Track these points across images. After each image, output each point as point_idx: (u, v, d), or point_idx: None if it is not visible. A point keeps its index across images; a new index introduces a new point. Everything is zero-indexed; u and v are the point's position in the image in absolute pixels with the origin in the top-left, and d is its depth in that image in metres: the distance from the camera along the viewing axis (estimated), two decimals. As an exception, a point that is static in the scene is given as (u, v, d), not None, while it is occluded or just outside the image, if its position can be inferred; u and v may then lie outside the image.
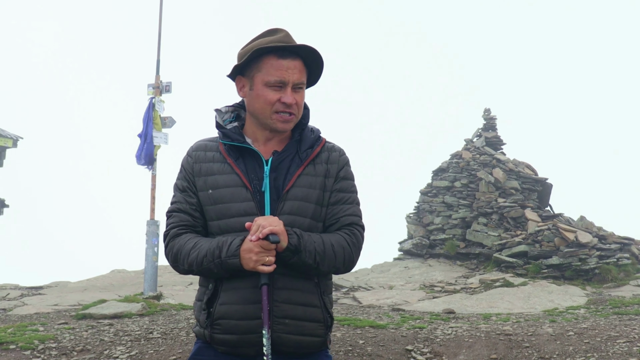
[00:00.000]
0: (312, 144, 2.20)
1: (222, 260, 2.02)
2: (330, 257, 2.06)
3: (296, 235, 2.02)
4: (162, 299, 9.55)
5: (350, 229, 2.14)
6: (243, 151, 2.18)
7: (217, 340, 2.11)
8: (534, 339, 6.37)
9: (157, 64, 10.73)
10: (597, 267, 12.00)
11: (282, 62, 2.11)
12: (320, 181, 2.15)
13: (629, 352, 5.78)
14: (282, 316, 2.05)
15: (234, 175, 2.14)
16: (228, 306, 2.09)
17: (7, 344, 6.23)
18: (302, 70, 2.14)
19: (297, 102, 2.14)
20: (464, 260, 14.72)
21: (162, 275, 12.76)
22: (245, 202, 2.10)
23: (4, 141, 16.60)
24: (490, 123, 16.64)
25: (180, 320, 7.59)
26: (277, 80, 2.11)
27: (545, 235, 12.84)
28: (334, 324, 2.29)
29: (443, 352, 6.10)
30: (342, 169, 2.21)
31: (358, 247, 2.14)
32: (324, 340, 2.12)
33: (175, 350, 6.16)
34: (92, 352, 6.09)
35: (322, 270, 2.08)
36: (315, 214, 2.13)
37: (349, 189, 2.20)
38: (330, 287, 2.21)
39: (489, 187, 14.95)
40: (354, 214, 2.17)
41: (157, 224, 10.31)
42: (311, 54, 2.15)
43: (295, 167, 2.14)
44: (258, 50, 2.11)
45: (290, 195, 2.10)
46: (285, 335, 2.04)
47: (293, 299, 2.06)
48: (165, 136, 10.54)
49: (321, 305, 2.11)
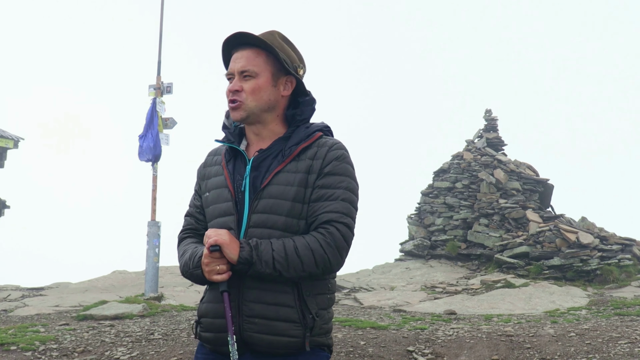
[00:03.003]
0: (299, 140, 2.12)
1: (191, 272, 2.10)
2: (295, 263, 1.97)
3: (249, 246, 1.98)
4: (163, 300, 9.55)
5: (326, 228, 2.01)
6: (237, 152, 2.20)
7: (203, 338, 2.17)
8: (535, 340, 6.36)
9: (158, 65, 10.74)
10: (599, 268, 11.98)
11: (234, 55, 2.16)
12: (300, 177, 2.06)
13: (631, 353, 5.77)
14: (251, 315, 2.03)
15: (222, 177, 2.18)
16: (207, 304, 2.15)
17: (8, 344, 6.23)
18: (252, 58, 2.12)
19: (244, 89, 2.11)
20: (465, 261, 14.71)
21: (163, 276, 12.78)
22: (225, 203, 2.13)
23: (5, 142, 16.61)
24: (492, 124, 16.63)
25: (181, 322, 7.59)
26: (227, 72, 2.17)
27: (546, 236, 12.83)
28: (332, 324, 2.22)
29: (444, 353, 6.10)
30: (329, 164, 2.08)
31: (334, 246, 2.00)
32: (301, 340, 2.03)
33: (176, 351, 6.16)
34: (93, 353, 6.09)
35: (287, 277, 1.99)
36: (293, 212, 2.05)
37: (334, 185, 2.06)
38: (321, 287, 2.11)
39: (490, 188, 14.94)
40: (333, 211, 2.03)
41: (158, 225, 10.31)
42: (251, 39, 2.13)
43: (276, 165, 2.09)
44: (222, 50, 2.19)
45: (265, 194, 2.06)
46: (255, 334, 2.02)
47: (263, 299, 2.03)
48: (166, 137, 10.55)
49: (297, 306, 2.03)
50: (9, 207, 17.50)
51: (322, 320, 2.10)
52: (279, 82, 2.16)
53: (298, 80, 2.19)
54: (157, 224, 10.32)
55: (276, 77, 2.15)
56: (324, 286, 2.12)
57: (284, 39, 2.20)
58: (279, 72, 2.15)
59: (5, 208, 17.39)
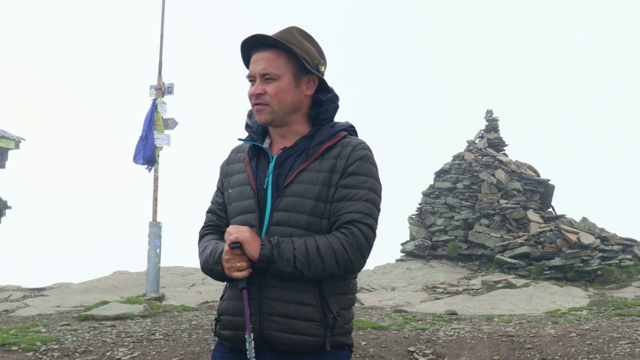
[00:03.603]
0: (324, 139, 2.11)
1: (211, 268, 2.10)
2: (316, 262, 1.97)
3: (270, 244, 1.97)
4: (165, 301, 9.55)
5: (348, 228, 2.01)
6: (260, 150, 2.19)
7: (222, 336, 2.16)
8: (536, 340, 6.36)
9: (160, 66, 10.75)
10: (600, 269, 11.98)
11: (253, 57, 2.14)
12: (323, 177, 2.05)
13: (632, 353, 5.77)
14: (271, 313, 2.02)
15: (245, 174, 2.17)
16: (227, 302, 2.15)
17: (10, 345, 6.24)
18: (273, 60, 2.10)
19: (268, 92, 2.09)
20: (466, 262, 14.71)
21: (165, 277, 12.78)
22: (247, 200, 2.12)
23: (7, 142, 16.63)
24: (493, 124, 16.63)
25: (182, 322, 7.59)
26: (248, 75, 2.16)
27: (547, 236, 12.82)
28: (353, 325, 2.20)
29: (445, 354, 6.10)
30: (353, 163, 2.07)
31: (357, 246, 2.00)
32: (322, 340, 2.02)
33: (178, 351, 6.16)
34: (95, 354, 6.09)
35: (309, 276, 1.98)
36: (315, 211, 2.04)
37: (358, 185, 2.05)
38: (343, 287, 2.10)
39: (491, 189, 14.94)
40: (356, 211, 2.02)
41: (160, 226, 10.32)
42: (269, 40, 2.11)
43: (300, 163, 2.08)
44: (241, 51, 2.17)
45: (287, 192, 2.06)
46: (276, 333, 2.01)
47: (284, 297, 2.02)
48: (167, 137, 10.56)
49: (318, 305, 2.02)
50: (10, 207, 17.51)
51: (343, 320, 2.09)
52: (301, 82, 2.14)
53: (320, 78, 2.18)
54: (159, 224, 10.33)
55: (298, 78, 2.13)
56: (345, 286, 2.11)
57: (302, 34, 2.17)
58: (300, 73, 2.13)
59: (6, 208, 17.40)
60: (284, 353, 2.04)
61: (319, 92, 2.19)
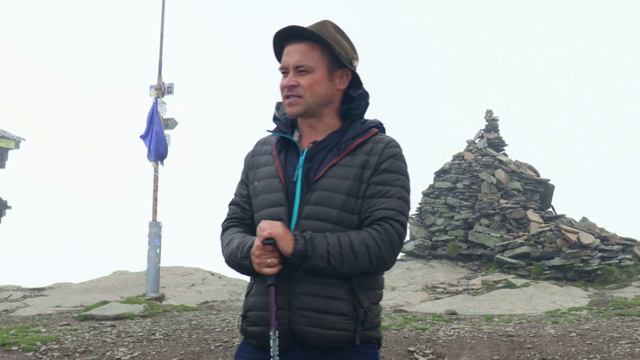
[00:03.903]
0: (356, 134, 2.10)
1: (238, 262, 2.06)
2: (350, 259, 1.95)
3: (304, 239, 1.95)
4: (164, 301, 9.56)
5: (381, 225, 1.99)
6: (289, 143, 2.16)
7: (248, 333, 2.12)
8: (536, 340, 6.36)
9: (159, 66, 10.75)
10: (600, 269, 11.98)
11: (286, 48, 2.12)
12: (355, 172, 2.04)
13: (632, 353, 5.77)
14: (301, 308, 1.99)
15: (272, 166, 2.14)
16: (255, 297, 2.10)
17: (10, 345, 6.24)
18: (307, 52, 2.08)
19: (301, 84, 2.07)
20: (466, 262, 14.71)
21: (165, 277, 12.78)
22: (275, 193, 2.09)
23: (6, 142, 16.63)
24: (492, 124, 16.63)
25: (182, 322, 7.59)
26: (281, 66, 2.13)
27: (547, 236, 12.83)
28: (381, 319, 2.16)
29: (445, 354, 6.10)
30: (386, 161, 2.06)
31: (389, 243, 1.98)
32: (352, 334, 2.00)
33: (178, 351, 6.17)
34: (95, 354, 6.09)
35: (341, 272, 1.96)
36: (346, 206, 2.02)
37: (390, 182, 2.04)
38: (372, 282, 2.08)
39: (491, 189, 14.94)
40: (389, 208, 2.01)
41: (159, 225, 10.32)
42: (304, 32, 2.09)
43: (331, 158, 2.06)
44: (273, 43, 2.15)
45: (318, 186, 2.03)
46: (306, 327, 1.98)
47: (314, 291, 1.99)
48: (167, 138, 10.56)
49: (349, 299, 2.00)
50: (10, 207, 17.51)
51: (373, 314, 2.07)
52: (334, 75, 2.13)
53: (353, 73, 2.17)
54: (159, 224, 10.33)
55: (332, 71, 2.12)
56: (374, 281, 2.10)
57: (336, 28, 2.15)
58: (334, 66, 2.12)
59: (6, 208, 17.40)
60: (314, 348, 2.01)
61: (350, 87, 2.18)
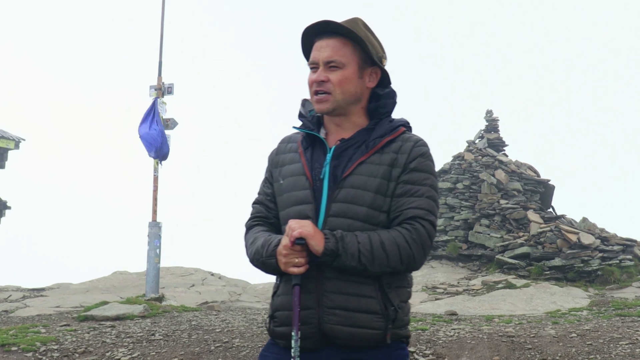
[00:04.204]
0: (384, 132, 2.08)
1: (263, 261, 2.04)
2: (380, 257, 1.93)
3: (334, 238, 1.92)
4: (164, 301, 9.55)
5: (412, 224, 1.97)
6: (315, 140, 2.14)
7: (276, 334, 2.08)
8: (536, 340, 6.36)
9: (159, 66, 10.75)
10: (600, 269, 11.97)
11: (317, 43, 2.09)
12: (384, 170, 2.02)
13: (632, 353, 5.76)
14: (331, 306, 1.96)
15: (298, 164, 2.12)
16: (282, 297, 2.07)
17: (9, 345, 6.24)
18: (339, 48, 2.06)
19: (331, 80, 2.05)
20: (466, 262, 14.70)
21: (164, 277, 12.77)
22: (302, 191, 2.07)
23: (6, 143, 16.63)
24: (493, 124, 16.61)
25: (182, 322, 7.59)
26: (310, 62, 2.10)
27: (547, 236, 12.82)
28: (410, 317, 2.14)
29: (445, 354, 6.09)
30: (415, 160, 2.04)
31: (420, 243, 1.96)
32: (383, 333, 1.97)
33: (177, 352, 6.16)
34: (94, 354, 6.09)
35: (372, 271, 1.94)
36: (375, 204, 2.00)
37: (419, 181, 2.03)
38: (401, 281, 2.06)
39: (491, 189, 14.93)
40: (419, 207, 1.99)
41: (159, 226, 10.32)
42: (338, 28, 2.06)
43: (359, 155, 2.04)
44: (302, 38, 2.13)
45: (346, 183, 2.01)
46: (336, 326, 1.96)
47: (344, 289, 1.96)
48: (167, 138, 10.55)
49: (379, 297, 1.97)
50: (10, 207, 17.51)
51: (403, 312, 2.05)
52: (364, 73, 2.11)
53: (383, 72, 2.15)
54: (158, 224, 10.33)
55: (362, 68, 2.10)
56: (403, 279, 2.08)
57: (365, 26, 2.12)
58: (364, 63, 2.10)
59: (6, 209, 17.40)
60: (343, 348, 1.99)
61: (377, 86, 2.16)
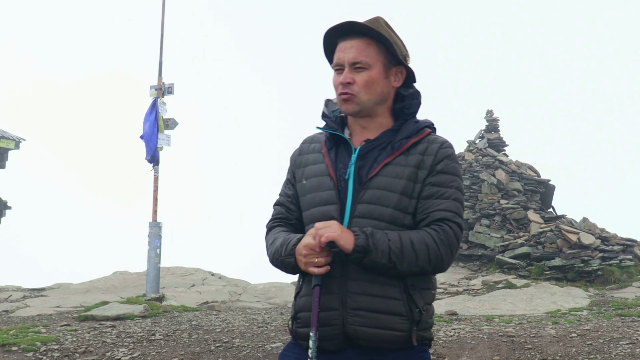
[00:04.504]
0: (410, 134, 2.06)
1: (282, 260, 2.02)
2: (410, 256, 1.91)
3: (364, 234, 1.90)
4: (165, 301, 9.56)
5: (440, 225, 1.97)
6: (339, 141, 2.12)
7: (299, 335, 2.06)
8: (536, 340, 6.36)
9: (159, 66, 10.74)
10: (600, 269, 11.97)
11: (341, 45, 2.08)
12: (409, 171, 2.00)
13: (632, 353, 5.76)
14: (356, 307, 1.94)
15: (323, 164, 2.10)
16: (306, 298, 2.05)
17: (10, 345, 6.24)
18: (364, 48, 2.04)
19: (356, 81, 2.03)
20: (467, 262, 14.70)
21: (165, 277, 12.78)
22: (327, 191, 2.05)
23: (7, 143, 16.63)
24: (493, 124, 16.61)
25: (182, 322, 7.59)
26: (335, 63, 2.09)
27: (547, 236, 12.82)
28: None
29: (445, 354, 6.09)
30: (441, 161, 2.03)
31: (448, 244, 1.95)
32: (407, 335, 1.96)
33: (178, 352, 6.16)
34: (95, 354, 6.09)
35: (401, 270, 1.92)
36: (400, 205, 1.99)
37: (446, 184, 2.02)
38: (426, 282, 2.04)
39: (491, 189, 14.93)
40: (446, 210, 1.99)
41: (160, 226, 10.32)
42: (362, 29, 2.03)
43: (385, 156, 2.03)
44: (324, 39, 2.11)
45: (372, 184, 2.00)
46: (360, 328, 1.94)
47: (369, 291, 1.95)
48: (167, 138, 10.55)
49: (404, 299, 1.96)
50: (10, 207, 17.51)
51: (427, 314, 2.04)
52: (390, 73, 2.09)
53: (409, 71, 2.13)
54: (159, 224, 10.33)
55: (387, 68, 2.08)
56: (428, 281, 2.06)
57: (388, 26, 2.11)
58: (389, 63, 2.08)
59: (6, 209, 17.40)
60: (367, 349, 1.97)
61: (401, 86, 2.14)
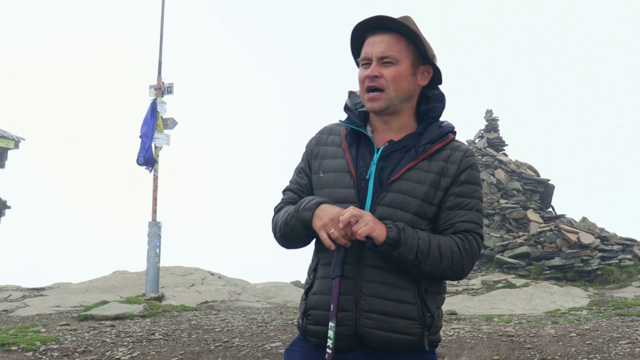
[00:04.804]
0: (434, 139, 2.03)
1: (298, 212, 2.00)
2: (435, 257, 1.92)
3: (396, 228, 1.90)
4: (164, 300, 9.55)
5: (465, 235, 1.98)
6: (360, 137, 2.09)
7: (309, 332, 2.06)
8: (536, 340, 6.36)
9: (159, 65, 10.73)
10: (600, 268, 11.98)
11: (369, 39, 2.05)
12: (432, 178, 1.99)
13: (631, 353, 5.77)
14: (369, 310, 1.94)
15: (343, 160, 2.06)
16: (318, 296, 2.04)
17: (9, 345, 6.24)
18: (393, 43, 2.01)
19: (385, 75, 1.99)
20: (466, 262, 14.72)
21: (164, 277, 12.77)
22: (346, 189, 2.03)
23: (6, 142, 16.63)
24: (492, 124, 16.62)
25: (181, 322, 7.59)
26: (363, 57, 2.05)
27: (547, 236, 12.83)
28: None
29: (445, 354, 6.09)
30: (465, 171, 2.03)
31: (471, 254, 1.97)
32: (419, 339, 1.96)
33: (177, 351, 6.16)
34: (94, 354, 6.09)
35: (424, 270, 1.92)
36: (420, 211, 1.98)
37: (470, 194, 2.03)
38: (438, 286, 2.05)
39: (491, 189, 14.94)
40: (471, 221, 2.00)
41: (159, 225, 10.31)
42: (393, 24, 2.01)
43: (408, 160, 2.00)
44: (352, 34, 2.09)
45: (393, 187, 1.98)
46: (372, 330, 1.93)
47: (383, 294, 1.94)
48: (167, 137, 10.55)
49: (417, 303, 1.96)
50: (9, 207, 17.51)
51: (438, 318, 2.04)
52: (417, 70, 2.07)
53: (436, 71, 2.11)
54: (158, 224, 10.32)
55: (415, 66, 2.06)
56: (440, 285, 2.06)
57: (416, 25, 2.09)
58: (417, 61, 2.06)
59: (6, 208, 17.40)
60: (378, 351, 1.98)
61: (427, 86, 2.12)
